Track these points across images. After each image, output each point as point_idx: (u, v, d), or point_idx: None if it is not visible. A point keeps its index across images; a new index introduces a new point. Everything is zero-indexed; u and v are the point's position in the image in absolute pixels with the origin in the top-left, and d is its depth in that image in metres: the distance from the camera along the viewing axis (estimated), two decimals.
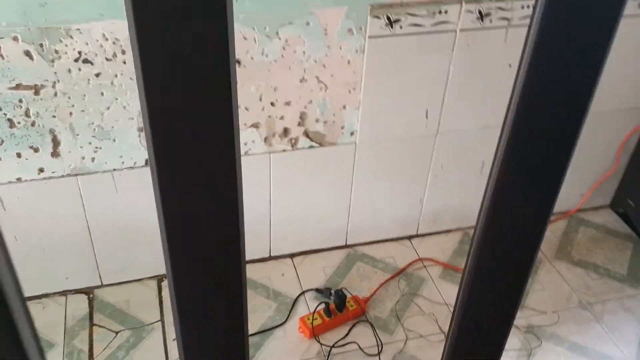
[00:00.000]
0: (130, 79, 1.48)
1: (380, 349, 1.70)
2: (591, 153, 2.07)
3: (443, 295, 1.87)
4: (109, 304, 1.78)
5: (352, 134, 1.75)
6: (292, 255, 1.97)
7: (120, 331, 1.71)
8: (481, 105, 1.82)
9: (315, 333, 1.71)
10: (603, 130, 2.03)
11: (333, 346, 1.69)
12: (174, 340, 1.70)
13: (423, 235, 2.07)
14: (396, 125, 1.78)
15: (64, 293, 1.80)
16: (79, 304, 1.78)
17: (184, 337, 1.12)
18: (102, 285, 1.83)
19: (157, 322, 1.74)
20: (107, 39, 1.40)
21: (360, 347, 1.70)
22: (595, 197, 2.21)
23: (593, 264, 2.02)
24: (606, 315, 1.84)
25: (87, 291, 1.81)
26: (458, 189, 2.00)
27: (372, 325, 1.76)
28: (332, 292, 1.80)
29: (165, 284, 1.86)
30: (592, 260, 2.03)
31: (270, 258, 1.96)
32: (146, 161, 1.62)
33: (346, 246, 2.01)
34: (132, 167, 1.62)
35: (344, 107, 1.69)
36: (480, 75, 1.76)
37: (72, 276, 1.78)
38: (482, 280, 1.38)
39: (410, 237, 2.06)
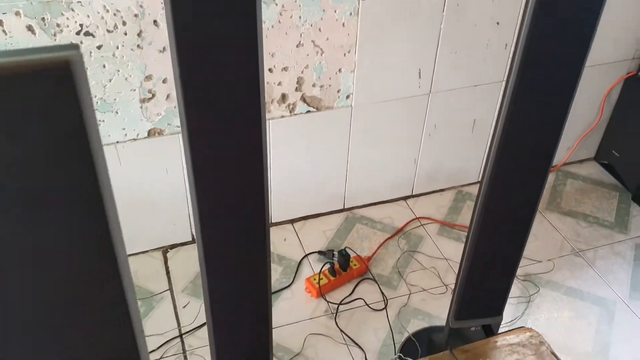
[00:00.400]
0: (132, 50, 1.49)
1: (386, 304, 1.76)
2: (575, 108, 2.13)
3: (441, 251, 1.93)
4: None
5: (347, 97, 1.79)
6: (292, 221, 2.02)
7: None
8: (471, 63, 1.87)
9: (322, 292, 1.76)
10: (586, 84, 2.09)
11: (340, 303, 1.75)
12: (184, 307, 1.74)
13: (418, 196, 2.13)
14: (390, 86, 1.82)
15: None
16: None
17: (211, 295, 1.15)
18: None
19: (165, 291, 1.78)
20: (107, 11, 1.41)
21: (366, 303, 1.76)
22: (580, 151, 2.29)
23: (582, 214, 2.10)
24: (598, 260, 1.93)
25: None
26: (451, 148, 2.06)
27: (376, 282, 1.82)
28: (335, 252, 1.84)
29: (170, 254, 1.89)
30: (581, 210, 2.12)
31: (272, 224, 2.00)
32: (149, 132, 1.64)
33: (344, 209, 2.06)
34: (135, 139, 1.64)
35: (340, 70, 1.73)
36: (470, 34, 1.80)
37: None
38: (488, 234, 1.44)
39: (405, 198, 2.12)
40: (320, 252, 1.90)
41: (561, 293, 1.82)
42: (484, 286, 1.42)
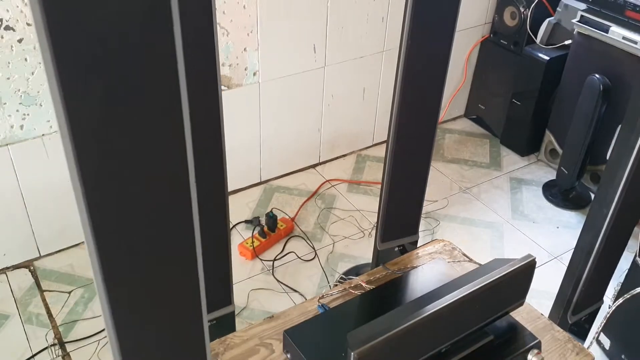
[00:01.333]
0: None
1: (315, 254, 1.95)
2: None
3: (354, 204, 2.17)
4: (53, 271, 1.84)
5: (254, 74, 1.97)
6: None
7: (72, 290, 1.78)
8: (355, 37, 2.13)
9: (256, 253, 1.92)
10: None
11: (275, 260, 1.92)
12: None
13: (325, 162, 2.35)
14: (291, 61, 2.03)
15: (3, 271, 1.82)
16: (22, 277, 1.82)
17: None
18: (40, 257, 1.87)
19: None
20: (26, 4, 1.48)
21: (298, 256, 1.94)
22: (452, 109, 2.65)
23: (463, 159, 2.45)
24: (482, 194, 2.27)
25: (27, 264, 1.85)
26: (347, 115, 2.31)
27: (303, 238, 2.01)
28: (260, 219, 2.01)
29: None
30: (461, 157, 2.46)
31: None
32: None
33: (261, 182, 2.23)
34: None
35: (245, 49, 1.91)
36: (352, 9, 2.06)
37: (9, 252, 1.81)
38: (399, 175, 1.71)
39: (314, 165, 2.33)
40: (246, 221, 2.06)
41: (457, 223, 2.13)
42: (401, 214, 1.66)
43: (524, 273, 1.21)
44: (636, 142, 1.14)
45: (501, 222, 2.14)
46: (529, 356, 1.20)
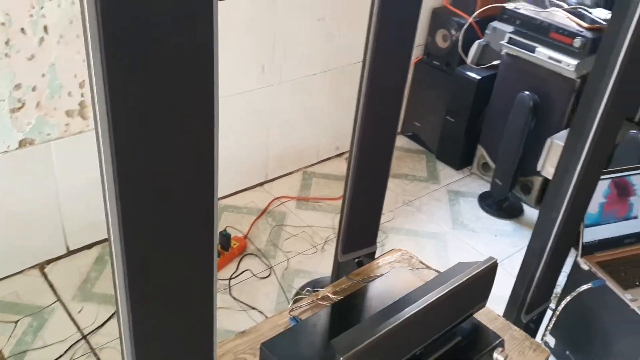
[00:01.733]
0: None
1: (270, 271, 1.96)
2: None
3: (304, 220, 2.20)
4: None
5: None
6: None
7: (19, 320, 1.69)
8: (302, 57, 2.19)
9: None
10: None
11: (230, 278, 1.91)
12: (79, 312, 1.76)
13: (272, 180, 2.38)
14: (242, 80, 2.05)
15: None
16: None
17: None
18: None
19: (54, 302, 1.76)
20: None
21: (254, 274, 1.94)
22: None
23: (404, 174, 2.55)
24: (423, 206, 2.37)
25: None
26: (293, 133, 2.35)
27: (257, 256, 2.01)
28: None
29: (47, 269, 1.86)
30: (402, 172, 2.56)
31: None
32: (20, 143, 1.65)
33: None
34: (6, 152, 1.63)
35: None
36: (297, 31, 2.12)
37: None
38: (359, 192, 1.76)
39: (262, 184, 2.35)
40: None
41: (403, 235, 2.21)
42: (361, 225, 1.72)
43: (487, 275, 1.29)
44: (582, 150, 1.25)
45: (444, 232, 2.24)
46: (495, 354, 1.28)
